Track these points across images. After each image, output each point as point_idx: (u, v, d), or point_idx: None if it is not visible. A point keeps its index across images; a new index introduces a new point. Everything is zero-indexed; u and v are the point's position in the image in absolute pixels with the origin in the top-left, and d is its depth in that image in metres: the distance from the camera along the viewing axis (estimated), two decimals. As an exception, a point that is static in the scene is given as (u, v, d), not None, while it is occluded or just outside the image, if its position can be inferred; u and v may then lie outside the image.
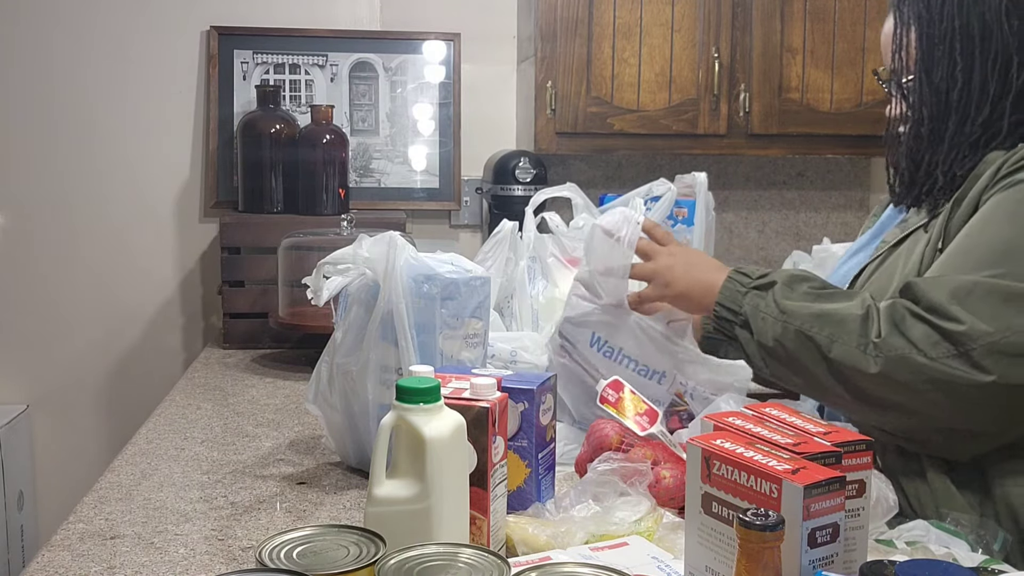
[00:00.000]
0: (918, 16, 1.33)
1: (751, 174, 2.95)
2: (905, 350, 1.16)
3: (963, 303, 1.15)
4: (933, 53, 1.31)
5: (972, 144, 1.30)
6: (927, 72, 1.32)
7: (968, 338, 1.13)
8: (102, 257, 2.65)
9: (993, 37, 1.28)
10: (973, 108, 1.29)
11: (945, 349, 1.14)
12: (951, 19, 1.30)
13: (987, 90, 1.28)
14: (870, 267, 1.40)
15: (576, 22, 2.49)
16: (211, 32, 2.64)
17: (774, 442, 0.91)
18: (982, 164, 1.27)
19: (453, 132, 2.74)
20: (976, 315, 1.14)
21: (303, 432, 1.63)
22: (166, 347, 2.69)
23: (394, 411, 0.98)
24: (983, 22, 1.28)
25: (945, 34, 1.30)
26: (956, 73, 1.29)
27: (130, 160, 2.65)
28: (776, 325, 1.26)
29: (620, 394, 1.27)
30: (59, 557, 1.13)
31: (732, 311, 1.32)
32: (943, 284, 1.17)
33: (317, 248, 2.06)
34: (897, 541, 1.05)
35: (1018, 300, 1.14)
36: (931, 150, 1.33)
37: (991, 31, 1.28)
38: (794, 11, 2.56)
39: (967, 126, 1.30)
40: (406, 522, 0.96)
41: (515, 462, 1.17)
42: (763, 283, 1.31)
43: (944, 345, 1.14)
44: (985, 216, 1.22)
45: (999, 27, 1.27)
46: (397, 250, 1.33)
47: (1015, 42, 1.27)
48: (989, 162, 1.26)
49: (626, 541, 1.06)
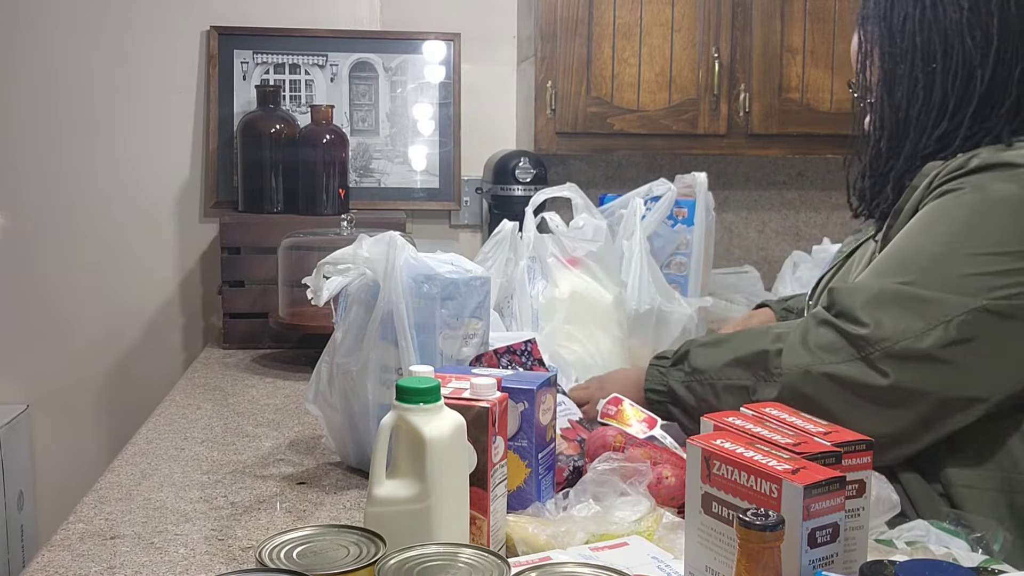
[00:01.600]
0: (880, 35, 1.33)
1: (751, 174, 2.95)
2: (804, 362, 1.20)
3: (868, 308, 1.17)
4: (895, 71, 1.32)
5: (924, 157, 1.31)
6: (889, 91, 1.33)
7: (867, 342, 1.16)
8: (102, 257, 2.65)
9: (955, 52, 1.28)
10: (931, 124, 1.30)
11: (847, 353, 1.17)
12: (912, 36, 1.30)
13: (946, 105, 1.29)
14: (827, 276, 1.44)
15: (576, 22, 2.49)
16: (211, 32, 2.64)
17: (774, 442, 0.91)
18: (920, 175, 1.28)
19: (453, 132, 2.74)
20: (879, 320, 1.16)
21: (303, 432, 1.63)
22: (166, 347, 2.69)
23: (394, 411, 0.98)
24: (944, 37, 1.28)
25: (906, 52, 1.30)
26: (917, 91, 1.30)
27: (130, 160, 2.65)
28: (702, 387, 1.31)
29: (619, 407, 1.32)
30: (59, 557, 1.13)
31: (659, 392, 1.37)
32: (858, 289, 1.20)
33: (317, 248, 2.06)
34: (897, 541, 1.05)
35: (918, 305, 1.15)
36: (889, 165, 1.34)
37: (952, 46, 1.28)
38: (794, 11, 2.56)
39: (923, 141, 1.31)
40: (406, 522, 0.96)
41: (515, 462, 1.17)
42: (677, 356, 1.37)
43: (847, 350, 1.17)
44: (909, 225, 1.25)
45: (960, 42, 1.27)
46: (397, 250, 1.33)
47: (978, 55, 1.27)
48: (925, 173, 1.27)
49: (626, 541, 1.06)
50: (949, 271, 1.17)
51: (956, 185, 1.23)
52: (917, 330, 1.15)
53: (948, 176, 1.24)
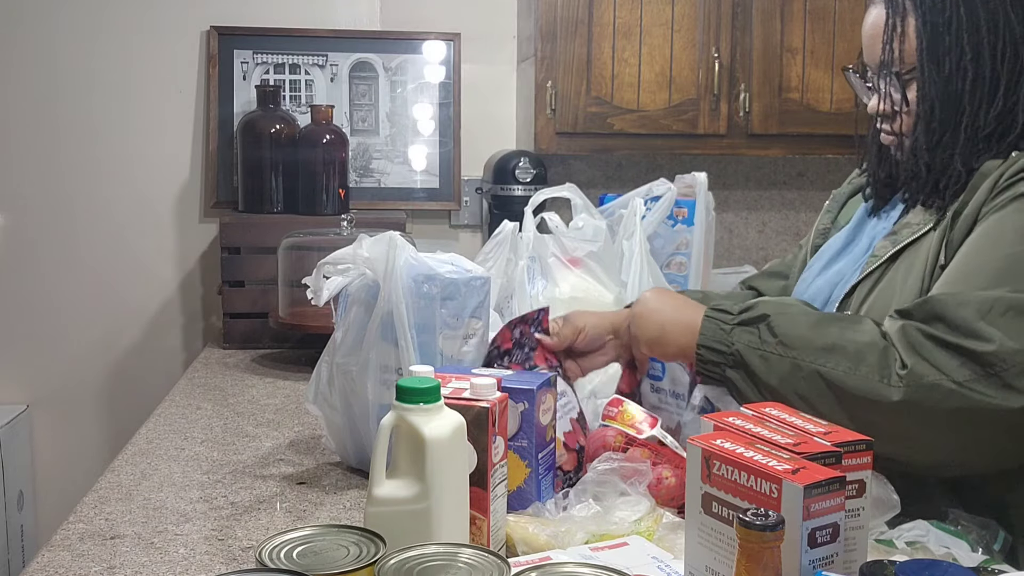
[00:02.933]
0: (919, 3, 1.27)
1: (751, 174, 2.95)
2: (934, 377, 1.08)
3: (989, 320, 1.08)
4: (939, 42, 1.26)
5: (986, 137, 1.25)
6: (935, 62, 1.26)
7: (998, 358, 1.07)
8: (102, 257, 2.65)
9: (1000, 27, 1.24)
10: (986, 100, 1.25)
11: (971, 371, 1.08)
12: (955, 8, 1.25)
13: (997, 80, 1.25)
14: (864, 285, 1.31)
15: (576, 22, 2.49)
16: (211, 32, 2.64)
17: (774, 442, 0.91)
18: (978, 176, 1.23)
19: (453, 132, 2.74)
20: (1004, 333, 1.07)
21: (303, 432, 1.63)
22: (166, 347, 2.69)
23: (394, 411, 0.98)
24: (988, 11, 1.25)
25: (950, 22, 1.25)
26: (966, 63, 1.25)
27: (130, 160, 2.65)
28: (783, 363, 1.17)
29: (620, 408, 1.29)
30: (59, 557, 1.13)
31: (718, 351, 1.23)
32: (968, 301, 1.10)
33: (317, 248, 2.06)
34: (897, 541, 1.05)
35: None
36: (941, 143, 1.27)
37: (997, 21, 1.24)
38: (794, 11, 2.56)
39: (980, 118, 1.25)
40: (406, 522, 0.96)
41: (515, 462, 1.17)
42: (749, 317, 1.22)
43: (970, 367, 1.08)
44: (991, 232, 1.18)
45: (1004, 17, 1.24)
46: (397, 250, 1.33)
47: (1021, 30, 1.24)
48: (985, 173, 1.22)
49: (626, 541, 1.06)
50: None
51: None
52: None
53: (1017, 175, 1.19)
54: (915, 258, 1.26)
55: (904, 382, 1.09)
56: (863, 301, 1.30)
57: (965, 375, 1.08)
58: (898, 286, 1.26)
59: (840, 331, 1.17)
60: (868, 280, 1.31)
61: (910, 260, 1.27)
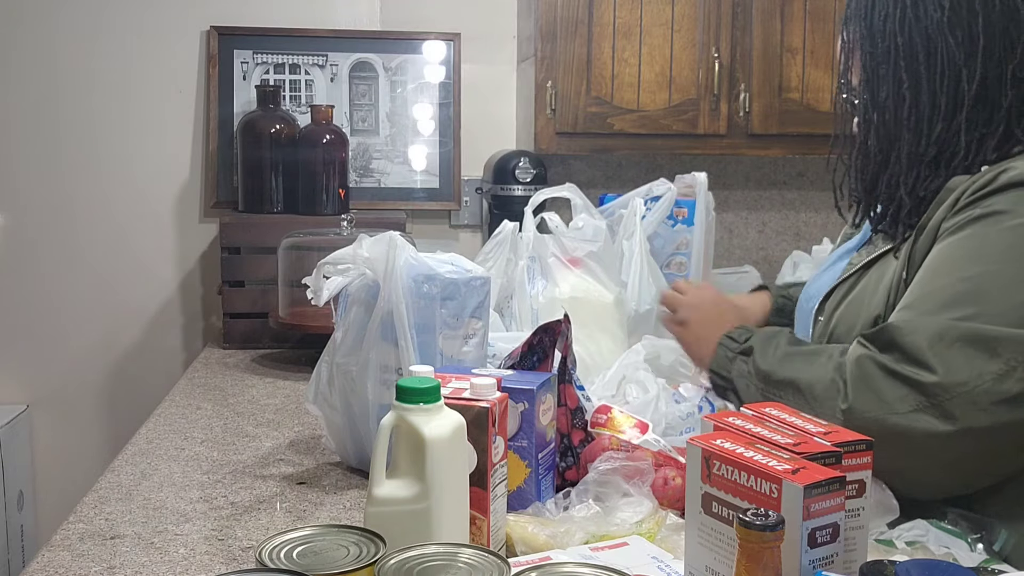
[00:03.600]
0: (861, 36, 1.31)
1: (751, 174, 2.95)
2: (875, 412, 1.12)
3: (936, 350, 1.11)
4: (877, 72, 1.29)
5: (930, 163, 1.27)
6: (872, 92, 1.30)
7: (942, 388, 1.09)
8: (102, 257, 2.65)
9: (938, 52, 1.25)
10: (925, 125, 1.27)
11: (915, 402, 1.11)
12: (893, 37, 1.27)
13: (937, 105, 1.26)
14: (839, 291, 1.36)
15: (576, 22, 2.49)
16: (211, 32, 2.64)
17: (774, 442, 0.91)
18: (944, 190, 1.23)
19: (453, 132, 2.74)
20: (950, 364, 1.10)
21: (303, 432, 1.63)
22: (166, 347, 2.69)
23: (394, 411, 0.98)
24: (926, 37, 1.25)
25: (888, 52, 1.28)
26: (903, 91, 1.27)
27: (130, 160, 2.65)
28: (758, 394, 1.25)
29: (608, 415, 1.30)
30: (59, 557, 1.13)
31: (722, 377, 1.33)
32: (920, 328, 1.13)
33: (317, 248, 2.06)
34: (897, 541, 1.05)
35: (989, 344, 1.10)
36: (884, 169, 1.30)
37: (935, 46, 1.25)
38: (794, 11, 2.56)
39: (921, 144, 1.27)
40: (406, 522, 0.96)
41: (515, 462, 1.17)
42: (746, 347, 1.30)
43: (914, 397, 1.11)
44: (949, 254, 1.19)
45: (943, 41, 1.25)
46: (397, 250, 1.33)
47: (961, 55, 1.24)
48: (951, 188, 1.23)
49: (626, 541, 1.06)
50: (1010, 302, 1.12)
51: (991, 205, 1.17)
52: (991, 372, 1.08)
53: (977, 193, 1.19)
54: (885, 270, 1.29)
55: (844, 417, 1.13)
56: (836, 308, 1.35)
57: (908, 405, 1.11)
58: (867, 296, 1.30)
59: (801, 366, 1.22)
60: (843, 287, 1.36)
61: (880, 271, 1.30)
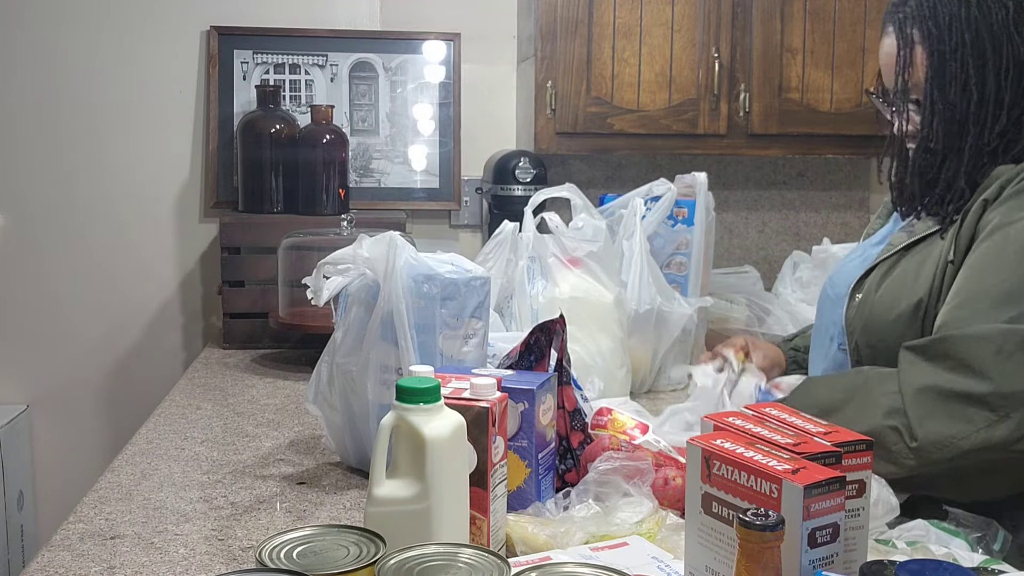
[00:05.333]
0: (927, 34, 1.34)
1: (751, 174, 2.95)
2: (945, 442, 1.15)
3: (997, 361, 1.14)
4: (945, 69, 1.32)
5: (991, 153, 1.32)
6: (940, 89, 1.33)
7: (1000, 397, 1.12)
8: (102, 257, 2.65)
9: (1004, 48, 1.30)
10: (990, 119, 1.31)
11: (983, 418, 1.13)
12: (960, 34, 1.31)
13: (1002, 100, 1.30)
14: (879, 270, 1.38)
15: (576, 22, 2.49)
16: (211, 32, 2.64)
17: (774, 442, 0.91)
18: (989, 178, 1.29)
19: (453, 132, 2.74)
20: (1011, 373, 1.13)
21: (303, 432, 1.63)
22: (166, 347, 2.69)
23: (394, 411, 0.98)
24: (992, 33, 1.30)
25: (956, 49, 1.31)
26: (970, 87, 1.31)
27: (130, 160, 2.65)
28: None
29: (610, 416, 1.31)
30: (59, 557, 1.13)
31: None
32: (980, 338, 1.15)
33: (317, 248, 2.06)
34: (897, 541, 1.05)
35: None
36: (946, 163, 1.34)
37: (1001, 42, 1.30)
38: (794, 11, 2.56)
39: (985, 136, 1.31)
40: (406, 522, 0.96)
41: (515, 462, 1.17)
42: None
43: (982, 413, 1.13)
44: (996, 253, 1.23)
45: (1008, 37, 1.30)
46: (397, 250, 1.33)
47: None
48: (996, 176, 1.28)
49: (626, 541, 1.06)
50: None
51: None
52: None
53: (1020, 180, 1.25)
54: (928, 253, 1.32)
55: (915, 456, 1.16)
56: (876, 287, 1.36)
57: (977, 423, 1.13)
58: (909, 279, 1.32)
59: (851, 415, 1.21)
60: (882, 266, 1.38)
61: (924, 253, 1.33)
